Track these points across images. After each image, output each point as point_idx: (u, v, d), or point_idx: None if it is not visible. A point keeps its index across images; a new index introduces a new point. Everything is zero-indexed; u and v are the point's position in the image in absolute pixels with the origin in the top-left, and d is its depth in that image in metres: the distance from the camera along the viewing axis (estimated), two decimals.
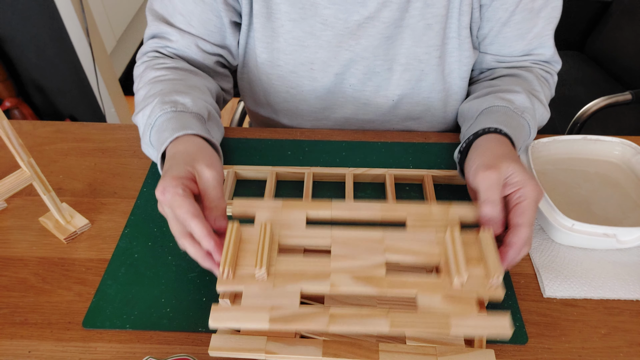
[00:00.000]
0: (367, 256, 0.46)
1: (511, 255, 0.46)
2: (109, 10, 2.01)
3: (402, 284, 0.44)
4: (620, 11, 1.42)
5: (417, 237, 0.47)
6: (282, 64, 0.71)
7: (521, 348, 0.48)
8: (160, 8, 0.67)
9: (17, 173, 0.52)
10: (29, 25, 1.62)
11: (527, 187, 0.47)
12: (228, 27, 0.68)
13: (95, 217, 0.61)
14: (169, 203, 0.45)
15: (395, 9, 0.64)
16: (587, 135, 0.66)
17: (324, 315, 0.43)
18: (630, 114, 1.28)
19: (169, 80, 0.62)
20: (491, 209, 0.48)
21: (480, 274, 0.45)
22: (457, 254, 0.45)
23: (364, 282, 0.44)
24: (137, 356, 0.47)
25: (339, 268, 0.45)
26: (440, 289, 0.44)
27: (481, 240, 0.46)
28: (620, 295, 0.52)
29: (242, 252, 0.46)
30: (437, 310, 0.43)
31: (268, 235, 0.46)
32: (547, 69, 0.72)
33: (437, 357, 0.43)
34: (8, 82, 1.70)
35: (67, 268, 0.55)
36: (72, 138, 0.72)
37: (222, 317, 0.43)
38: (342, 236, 0.48)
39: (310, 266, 0.46)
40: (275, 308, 0.43)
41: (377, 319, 0.42)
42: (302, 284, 0.44)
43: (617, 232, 0.54)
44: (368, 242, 0.47)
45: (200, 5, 0.64)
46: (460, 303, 0.43)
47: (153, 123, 0.57)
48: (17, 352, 0.48)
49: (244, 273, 0.45)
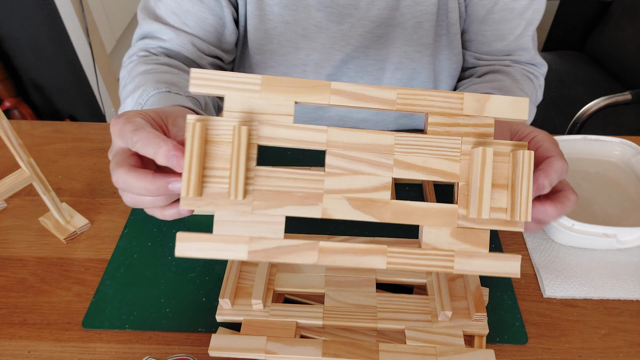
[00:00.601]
0: (371, 170, 0.37)
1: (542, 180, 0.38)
2: (109, 10, 2.01)
3: (408, 213, 0.38)
4: (620, 11, 1.42)
5: (437, 146, 0.38)
6: (274, 65, 0.70)
7: (521, 348, 0.48)
8: (152, 7, 0.64)
9: (17, 173, 0.52)
10: (28, 25, 1.61)
11: (540, 134, 0.43)
12: (229, 24, 0.66)
13: (95, 217, 0.60)
14: (120, 127, 0.37)
15: (383, 7, 0.64)
16: (587, 135, 0.66)
17: (313, 249, 0.37)
18: (630, 114, 1.28)
19: (162, 72, 0.57)
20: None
21: (503, 205, 0.38)
22: (484, 180, 0.36)
23: (363, 209, 0.38)
24: (136, 356, 0.47)
25: (334, 188, 0.37)
26: (452, 220, 0.38)
27: (517, 160, 0.37)
28: (620, 296, 0.52)
29: (209, 158, 0.36)
30: (442, 247, 0.38)
31: (244, 138, 0.35)
32: (531, 70, 0.71)
33: (437, 357, 0.43)
34: (7, 82, 1.70)
35: (67, 268, 0.55)
36: (71, 138, 0.72)
37: (190, 246, 0.36)
38: (341, 139, 0.37)
39: (298, 183, 0.37)
40: (254, 239, 0.37)
41: (374, 256, 0.37)
42: (287, 209, 0.37)
43: (617, 232, 0.54)
44: (373, 148, 0.38)
45: (197, 4, 0.63)
46: (470, 240, 0.38)
47: (144, 102, 0.51)
48: (16, 352, 0.48)
49: (213, 190, 0.36)
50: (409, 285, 0.51)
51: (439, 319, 0.46)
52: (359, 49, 0.68)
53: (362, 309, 0.47)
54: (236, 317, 0.47)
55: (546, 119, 1.29)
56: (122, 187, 0.36)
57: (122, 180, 0.36)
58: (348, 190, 0.37)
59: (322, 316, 0.46)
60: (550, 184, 0.38)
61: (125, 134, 0.36)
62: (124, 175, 0.36)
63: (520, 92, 0.64)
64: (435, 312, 0.47)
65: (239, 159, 0.35)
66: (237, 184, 0.35)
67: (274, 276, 0.49)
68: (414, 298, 0.48)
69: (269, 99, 0.37)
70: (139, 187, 0.36)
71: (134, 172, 0.35)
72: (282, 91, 0.36)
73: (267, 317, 0.46)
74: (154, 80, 0.53)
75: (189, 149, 0.34)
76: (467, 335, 0.46)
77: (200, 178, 0.35)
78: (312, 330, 0.47)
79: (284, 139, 0.37)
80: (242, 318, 0.47)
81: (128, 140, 0.36)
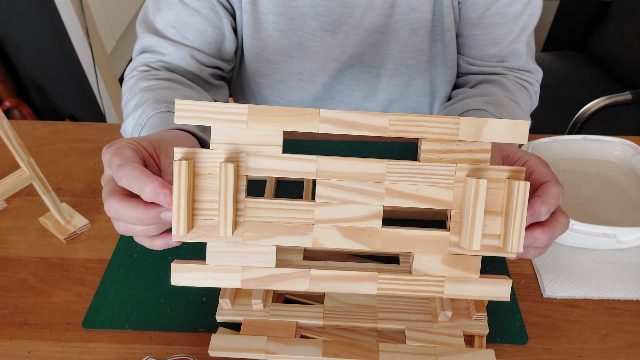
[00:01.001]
0: (362, 200, 0.37)
1: (539, 207, 0.37)
2: (109, 10, 2.00)
3: (399, 241, 0.38)
4: (620, 11, 1.42)
5: (430, 173, 0.37)
6: (270, 73, 0.70)
7: (521, 348, 0.48)
8: (151, 21, 0.64)
9: (17, 173, 0.52)
10: (28, 25, 1.61)
11: (532, 157, 0.42)
12: (228, 34, 0.66)
13: (95, 217, 0.61)
14: (109, 159, 0.37)
15: (377, 15, 0.64)
16: (587, 135, 0.66)
17: (304, 277, 0.38)
18: (630, 114, 1.28)
19: (162, 89, 0.57)
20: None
21: (497, 232, 0.37)
22: (476, 213, 0.36)
23: (354, 238, 0.38)
24: (136, 356, 0.47)
25: (324, 218, 0.37)
26: (443, 247, 0.38)
27: (512, 189, 0.36)
28: (620, 296, 0.52)
29: (198, 191, 0.36)
30: (433, 274, 0.38)
31: (231, 176, 0.35)
32: (525, 77, 0.69)
33: (437, 357, 0.43)
34: (7, 82, 1.70)
35: (67, 268, 0.55)
36: (71, 138, 0.72)
37: (185, 276, 0.38)
38: (331, 168, 0.37)
39: (288, 214, 0.37)
40: (246, 269, 0.38)
41: (365, 282, 0.38)
42: (278, 239, 0.38)
43: (617, 232, 0.54)
44: (364, 177, 0.37)
45: (195, 16, 0.62)
46: (461, 266, 0.38)
47: (144, 123, 0.51)
48: (16, 352, 0.48)
49: (205, 222, 0.37)
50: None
51: (439, 319, 0.46)
52: (354, 57, 0.68)
53: (362, 309, 0.47)
54: (236, 317, 0.47)
55: (546, 119, 1.29)
56: (114, 216, 0.37)
57: (114, 210, 0.36)
58: (338, 219, 0.37)
59: (322, 316, 0.46)
60: (548, 211, 0.37)
61: (112, 167, 0.36)
62: (116, 205, 0.36)
63: (513, 105, 0.62)
64: (435, 312, 0.47)
65: (226, 197, 0.35)
66: (226, 220, 0.36)
67: None
68: (414, 298, 0.48)
69: (256, 129, 0.36)
70: (131, 217, 0.36)
71: (126, 202, 0.36)
72: (269, 121, 0.36)
73: (267, 317, 0.46)
74: (154, 99, 0.53)
75: (177, 189, 0.34)
76: (467, 335, 0.46)
77: (190, 216, 0.36)
78: (312, 330, 0.47)
79: (273, 170, 0.37)
80: (242, 318, 0.47)
81: (114, 174, 0.36)
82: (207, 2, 0.62)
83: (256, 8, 0.64)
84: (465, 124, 0.36)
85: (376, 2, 0.63)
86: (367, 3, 0.63)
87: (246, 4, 0.64)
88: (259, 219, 0.37)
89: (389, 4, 0.63)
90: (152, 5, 0.64)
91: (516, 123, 0.36)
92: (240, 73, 0.74)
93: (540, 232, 0.38)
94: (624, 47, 1.40)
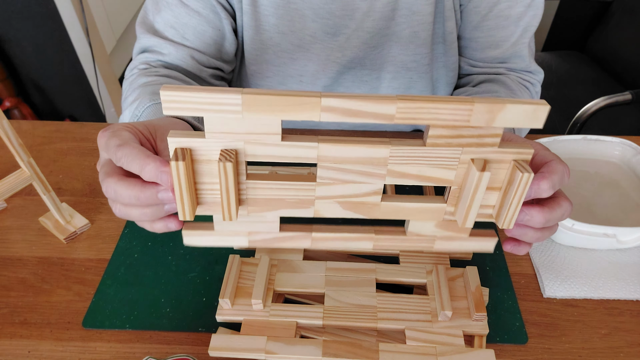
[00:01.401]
0: (363, 179, 0.37)
1: (540, 183, 0.36)
2: (109, 10, 2.00)
3: (397, 211, 0.39)
4: (620, 11, 1.42)
5: (435, 157, 0.36)
6: (271, 75, 0.70)
7: (521, 348, 0.48)
8: (151, 22, 0.64)
9: (17, 173, 0.52)
10: (29, 25, 1.62)
11: (533, 143, 0.42)
12: (228, 35, 0.66)
13: (95, 217, 0.61)
14: (106, 141, 0.36)
15: (378, 18, 0.64)
16: (587, 135, 0.66)
17: (306, 237, 0.41)
18: (630, 114, 1.28)
19: (160, 84, 0.58)
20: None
21: (492, 202, 0.38)
22: (474, 202, 0.36)
23: (353, 210, 0.39)
24: (136, 356, 0.47)
25: (325, 195, 0.38)
26: (438, 215, 0.39)
27: (513, 179, 0.36)
28: (620, 296, 0.52)
29: (199, 175, 0.36)
30: (426, 234, 0.40)
31: (230, 175, 0.35)
32: (527, 77, 0.70)
33: (437, 357, 0.43)
34: (8, 82, 1.70)
35: (67, 268, 0.55)
36: (71, 138, 0.72)
37: (196, 239, 0.41)
38: (332, 153, 0.35)
39: (290, 192, 0.38)
40: (252, 233, 0.40)
41: (361, 241, 0.41)
42: (281, 211, 0.39)
43: (617, 232, 0.54)
44: (367, 161, 0.36)
45: (196, 17, 0.62)
46: (453, 229, 0.40)
47: (140, 114, 0.52)
48: (16, 352, 0.48)
49: (209, 199, 0.37)
50: (409, 285, 0.51)
51: (439, 319, 0.46)
52: (355, 60, 0.68)
53: (362, 309, 0.47)
54: (236, 317, 0.47)
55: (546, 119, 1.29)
56: (112, 196, 0.36)
57: (112, 189, 0.36)
58: (339, 196, 0.38)
59: (322, 316, 0.46)
60: (550, 188, 0.36)
61: (110, 148, 0.36)
62: (114, 184, 0.36)
63: None
64: (435, 312, 0.47)
65: (228, 196, 0.36)
66: (230, 209, 0.37)
67: (274, 276, 0.49)
68: (414, 298, 0.48)
69: (253, 119, 0.33)
70: (129, 196, 0.35)
71: (124, 181, 0.36)
72: (266, 110, 0.32)
73: (267, 317, 0.46)
74: (150, 92, 0.53)
75: (177, 189, 0.34)
76: (467, 335, 0.46)
77: (194, 203, 0.36)
78: (312, 330, 0.47)
79: (272, 156, 0.36)
80: (242, 318, 0.47)
81: (112, 155, 0.36)
82: (208, 3, 0.62)
83: (256, 10, 0.64)
84: (480, 110, 0.33)
85: (377, 6, 0.63)
86: (368, 6, 0.63)
87: (246, 6, 0.64)
88: (261, 197, 0.38)
89: (391, 8, 0.63)
90: (151, 6, 0.64)
91: (536, 109, 0.33)
92: (241, 74, 0.74)
93: (537, 211, 0.37)
94: (624, 47, 1.40)
